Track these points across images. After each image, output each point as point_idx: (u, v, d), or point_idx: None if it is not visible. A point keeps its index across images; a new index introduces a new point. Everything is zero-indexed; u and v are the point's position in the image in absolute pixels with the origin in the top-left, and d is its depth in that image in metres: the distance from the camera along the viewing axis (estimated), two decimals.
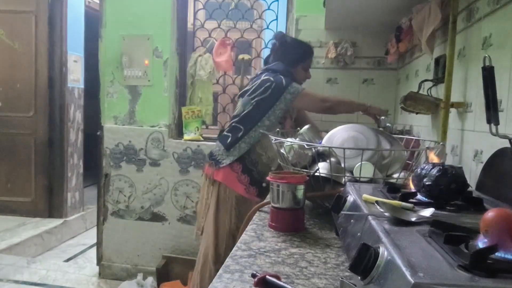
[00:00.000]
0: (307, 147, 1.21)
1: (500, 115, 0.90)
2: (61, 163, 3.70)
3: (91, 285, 2.79)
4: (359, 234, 0.70)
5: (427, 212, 0.71)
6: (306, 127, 1.43)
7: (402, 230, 0.62)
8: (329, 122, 2.21)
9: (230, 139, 1.87)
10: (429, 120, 1.66)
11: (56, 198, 3.73)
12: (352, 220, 0.78)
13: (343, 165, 1.14)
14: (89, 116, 3.99)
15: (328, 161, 1.19)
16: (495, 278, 0.45)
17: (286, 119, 1.95)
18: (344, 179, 1.14)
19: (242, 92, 1.98)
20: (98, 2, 2.86)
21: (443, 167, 0.81)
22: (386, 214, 0.69)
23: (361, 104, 1.88)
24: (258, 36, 3.02)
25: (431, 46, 1.49)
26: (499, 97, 0.90)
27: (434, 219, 0.62)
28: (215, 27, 2.88)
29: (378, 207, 0.72)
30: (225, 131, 1.94)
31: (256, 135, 1.85)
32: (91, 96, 3.70)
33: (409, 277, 0.44)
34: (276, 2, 2.76)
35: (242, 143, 1.86)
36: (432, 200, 0.80)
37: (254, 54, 3.09)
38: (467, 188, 0.83)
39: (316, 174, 1.13)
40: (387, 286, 0.49)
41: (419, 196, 0.83)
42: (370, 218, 0.68)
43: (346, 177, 1.14)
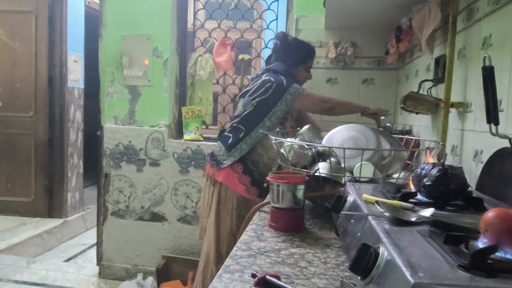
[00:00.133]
0: (307, 147, 1.21)
1: (500, 115, 0.90)
2: (61, 163, 3.70)
3: (91, 285, 2.79)
4: (359, 234, 0.70)
5: (427, 212, 0.71)
6: (306, 127, 1.43)
7: (402, 230, 0.62)
8: (329, 122, 2.21)
9: (231, 140, 1.87)
10: (429, 120, 1.66)
11: (56, 198, 3.73)
12: (352, 220, 0.78)
13: (343, 165, 1.14)
14: (89, 116, 3.99)
15: (328, 161, 1.19)
16: (495, 278, 0.45)
17: (287, 120, 1.95)
18: (344, 179, 1.14)
19: (242, 92, 1.98)
20: (98, 2, 2.86)
21: (443, 167, 0.81)
22: (386, 214, 0.69)
23: (360, 106, 1.93)
24: (258, 36, 3.02)
25: (431, 46, 1.49)
26: (499, 97, 0.90)
27: (434, 219, 0.62)
28: (215, 27, 2.88)
29: (378, 207, 0.72)
30: (226, 132, 1.94)
31: (257, 136, 1.85)
32: (91, 96, 3.70)
33: (409, 277, 0.44)
34: (276, 2, 2.76)
35: (243, 144, 1.86)
36: (432, 200, 0.80)
37: (254, 54, 3.09)
38: (467, 188, 0.83)
39: (316, 174, 1.13)
40: (387, 286, 0.49)
41: (419, 196, 0.83)
42: (370, 218, 0.68)
43: (346, 177, 1.14)
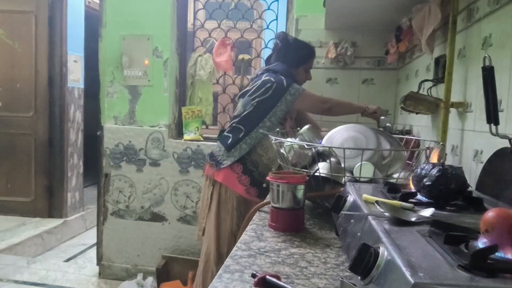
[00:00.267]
0: (307, 147, 1.21)
1: (500, 115, 0.90)
2: (61, 163, 3.70)
3: (91, 285, 2.79)
4: (359, 234, 0.70)
5: (427, 212, 0.71)
6: (306, 127, 1.43)
7: (402, 230, 0.62)
8: (329, 122, 2.21)
9: (231, 140, 1.87)
10: (429, 120, 1.66)
11: (56, 198, 3.73)
12: (352, 220, 0.78)
13: (343, 165, 1.14)
14: (89, 116, 3.99)
15: (328, 161, 1.19)
16: (495, 278, 0.45)
17: (286, 120, 1.94)
18: (344, 179, 1.14)
19: (242, 92, 1.98)
20: (98, 2, 2.86)
21: (443, 167, 0.81)
22: (386, 214, 0.69)
23: (359, 107, 1.94)
24: (258, 36, 3.02)
25: (431, 46, 1.49)
26: (499, 97, 0.90)
27: (434, 219, 0.62)
28: (215, 27, 2.88)
29: (378, 207, 0.72)
30: (225, 132, 1.94)
31: (257, 136, 1.84)
32: (91, 96, 3.70)
33: (409, 277, 0.44)
34: (276, 2, 2.76)
35: (243, 144, 1.86)
36: (432, 200, 0.80)
37: (254, 54, 3.09)
38: (467, 188, 0.83)
39: (316, 174, 1.13)
40: (387, 286, 0.49)
41: (419, 196, 0.83)
42: (370, 218, 0.68)
43: (346, 177, 1.14)
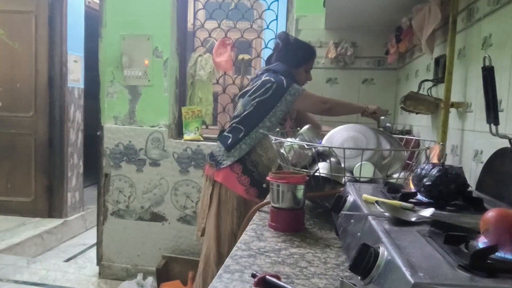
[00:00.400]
0: (307, 147, 1.21)
1: (500, 115, 0.90)
2: (61, 163, 3.70)
3: (91, 285, 2.79)
4: (359, 234, 0.70)
5: (427, 212, 0.71)
6: (306, 127, 1.43)
7: (402, 230, 0.62)
8: (329, 122, 2.21)
9: (231, 140, 1.87)
10: (429, 120, 1.66)
11: (56, 198, 3.73)
12: (352, 220, 0.78)
13: (343, 165, 1.14)
14: (89, 116, 3.99)
15: (328, 161, 1.19)
16: (495, 278, 0.45)
17: (286, 120, 1.94)
18: (344, 179, 1.14)
19: (242, 92, 1.97)
20: (98, 2, 2.86)
21: (443, 167, 0.81)
22: (386, 214, 0.69)
23: (359, 107, 1.94)
24: (258, 36, 3.02)
25: (431, 46, 1.49)
26: (499, 97, 0.90)
27: (434, 219, 0.62)
28: (215, 27, 2.88)
29: (378, 207, 0.72)
30: (225, 132, 1.94)
31: (257, 136, 1.84)
32: (91, 96, 3.70)
33: (409, 277, 0.44)
34: (276, 2, 2.76)
35: (242, 144, 1.85)
36: (432, 200, 0.80)
37: (254, 54, 3.09)
38: (467, 188, 0.83)
39: (316, 174, 1.13)
40: (387, 286, 0.49)
41: (419, 196, 0.83)
42: (370, 218, 0.68)
43: (346, 177, 1.14)
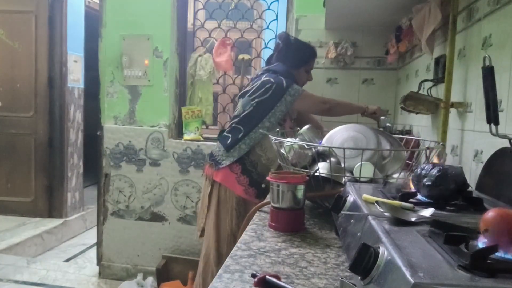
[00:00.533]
0: (307, 147, 1.21)
1: (500, 115, 0.90)
2: (61, 163, 3.70)
3: (91, 285, 2.79)
4: (359, 234, 0.70)
5: (427, 212, 0.71)
6: (306, 127, 1.43)
7: (402, 230, 0.62)
8: (329, 122, 2.21)
9: (230, 140, 1.87)
10: (429, 120, 1.66)
11: (56, 198, 3.73)
12: (352, 220, 0.78)
13: (343, 165, 1.14)
14: (89, 116, 3.99)
15: (328, 161, 1.19)
16: (495, 278, 0.45)
17: (286, 121, 1.94)
18: (344, 179, 1.14)
19: (242, 92, 1.97)
20: (98, 2, 2.86)
21: (443, 167, 0.81)
22: (386, 214, 0.69)
23: (359, 107, 1.94)
24: (258, 36, 3.02)
25: (431, 46, 1.49)
26: (499, 97, 0.90)
27: (434, 219, 0.62)
28: (215, 27, 2.88)
29: (378, 207, 0.72)
30: (225, 132, 1.94)
31: (256, 136, 1.84)
32: (91, 96, 3.70)
33: (409, 277, 0.44)
34: (276, 2, 2.76)
35: (242, 144, 1.85)
36: (432, 200, 0.80)
37: (254, 54, 3.09)
38: (467, 188, 0.83)
39: (316, 174, 1.13)
40: (387, 286, 0.49)
41: (419, 196, 0.83)
42: (370, 218, 0.68)
43: (346, 177, 1.14)
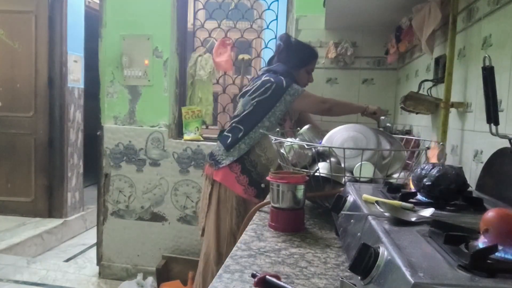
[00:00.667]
0: (307, 147, 1.21)
1: (500, 115, 0.90)
2: (61, 163, 3.70)
3: (91, 285, 2.79)
4: (359, 234, 0.70)
5: (427, 212, 0.71)
6: (306, 127, 1.43)
7: (402, 230, 0.62)
8: (329, 122, 2.21)
9: (230, 140, 1.87)
10: (429, 120, 1.66)
11: (56, 198, 3.73)
12: (352, 220, 0.78)
13: (343, 165, 1.14)
14: (89, 116, 3.99)
15: (328, 161, 1.19)
16: (495, 278, 0.45)
17: (286, 121, 1.94)
18: (344, 179, 1.14)
19: (242, 92, 1.98)
20: (98, 2, 2.85)
21: (443, 167, 0.81)
22: (386, 214, 0.69)
23: (359, 106, 1.94)
24: (258, 36, 3.02)
25: (431, 46, 1.49)
26: (499, 97, 0.90)
27: (434, 219, 0.62)
28: (215, 27, 2.88)
29: (378, 207, 0.72)
30: (225, 132, 1.94)
31: (256, 136, 1.84)
32: (91, 96, 3.70)
33: (409, 277, 0.44)
34: (276, 2, 2.76)
35: (242, 144, 1.86)
36: (432, 200, 0.80)
37: (254, 54, 3.09)
38: (467, 188, 0.83)
39: (316, 174, 1.13)
40: (387, 286, 0.49)
41: (419, 196, 0.83)
42: (370, 218, 0.68)
43: (346, 177, 1.14)
